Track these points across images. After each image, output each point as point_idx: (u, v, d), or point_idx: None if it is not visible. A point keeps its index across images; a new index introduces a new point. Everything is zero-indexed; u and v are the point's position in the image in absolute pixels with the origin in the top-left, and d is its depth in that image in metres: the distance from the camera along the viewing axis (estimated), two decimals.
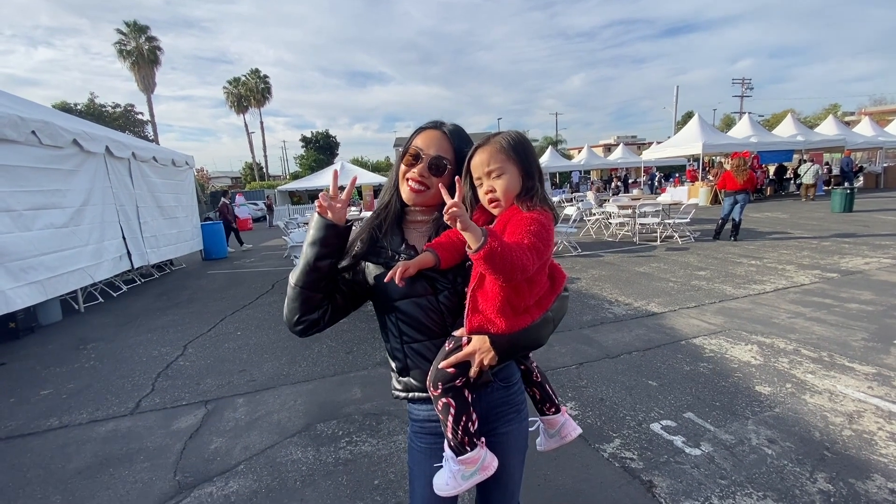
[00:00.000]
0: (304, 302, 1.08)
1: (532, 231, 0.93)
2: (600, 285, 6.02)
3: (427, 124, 1.17)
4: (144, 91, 32.19)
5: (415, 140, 1.14)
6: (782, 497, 2.06)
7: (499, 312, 0.98)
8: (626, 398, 3.02)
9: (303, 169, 44.10)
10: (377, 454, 2.56)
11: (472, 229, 0.87)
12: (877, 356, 3.44)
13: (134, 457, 2.68)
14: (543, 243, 0.93)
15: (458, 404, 1.02)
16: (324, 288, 1.09)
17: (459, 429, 1.02)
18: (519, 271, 0.89)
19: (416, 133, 1.16)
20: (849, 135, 19.36)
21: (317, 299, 1.09)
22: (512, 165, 1.02)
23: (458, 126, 1.18)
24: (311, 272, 1.06)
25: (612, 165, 30.20)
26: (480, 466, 1.03)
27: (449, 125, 1.16)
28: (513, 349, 1.01)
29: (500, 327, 0.98)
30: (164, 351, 4.51)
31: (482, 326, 1.00)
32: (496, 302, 0.98)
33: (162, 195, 8.71)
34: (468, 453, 1.03)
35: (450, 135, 1.14)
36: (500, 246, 0.86)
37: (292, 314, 1.10)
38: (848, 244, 7.83)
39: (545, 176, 25.38)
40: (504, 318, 0.98)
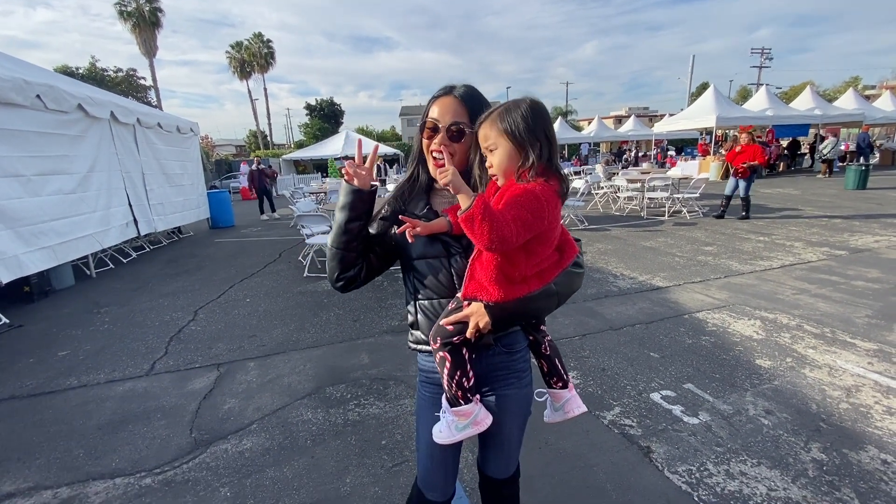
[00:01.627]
0: (341, 261, 1.17)
1: (519, 202, 0.93)
2: (606, 259, 6.03)
3: (439, 92, 1.17)
4: (146, 55, 31.56)
5: (430, 111, 1.15)
6: (776, 464, 2.13)
7: (492, 281, 1.01)
8: (628, 369, 3.08)
9: (307, 138, 43.64)
10: (384, 416, 2.66)
11: (463, 192, 0.93)
12: (879, 333, 3.46)
13: (151, 415, 2.79)
14: (533, 215, 0.93)
15: (454, 360, 1.08)
16: (356, 248, 1.18)
17: (454, 383, 1.08)
18: (497, 241, 0.90)
19: (431, 102, 1.16)
20: (868, 109, 18.78)
21: (351, 258, 1.18)
22: (504, 140, 1.00)
23: (470, 86, 1.17)
24: (343, 234, 1.14)
25: (622, 137, 29.60)
26: (473, 421, 1.10)
27: (460, 88, 1.16)
28: (508, 317, 1.05)
29: (493, 295, 1.01)
30: (175, 316, 4.61)
31: (476, 294, 1.03)
32: (490, 271, 1.00)
33: (167, 162, 8.69)
34: (461, 406, 1.09)
35: (462, 98, 1.13)
36: (482, 213, 0.89)
37: (332, 272, 1.20)
38: (859, 222, 7.74)
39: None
40: (498, 286, 1.00)
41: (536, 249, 1.01)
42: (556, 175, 1.01)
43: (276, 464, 2.30)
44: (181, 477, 2.23)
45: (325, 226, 6.33)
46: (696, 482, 2.05)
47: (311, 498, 2.06)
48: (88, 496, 2.11)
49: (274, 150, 39.92)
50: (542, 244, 1.01)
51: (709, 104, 16.76)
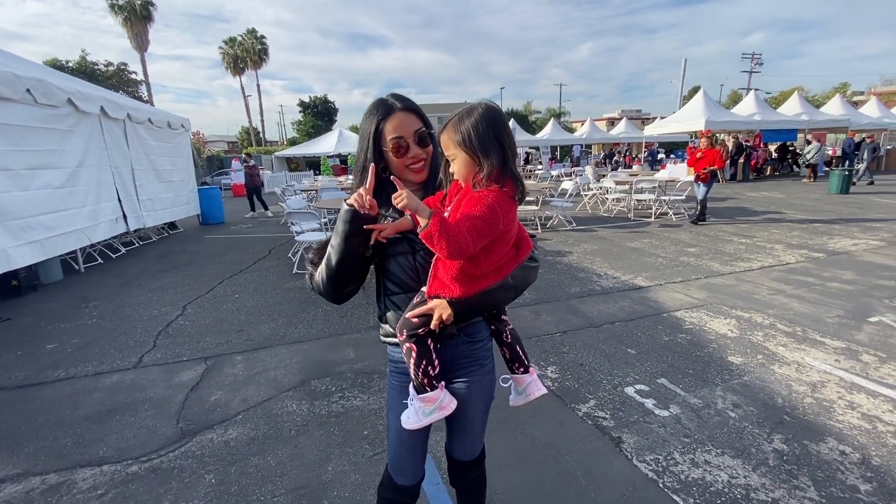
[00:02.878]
0: (345, 282, 1.22)
1: (474, 212, 1.01)
2: (591, 259, 6.15)
3: (381, 113, 1.19)
4: (137, 49, 31.28)
5: (385, 131, 1.18)
6: (738, 454, 2.24)
7: (454, 280, 1.09)
8: (605, 364, 3.18)
9: (300, 135, 43.43)
10: (367, 408, 2.73)
11: (420, 211, 0.99)
12: (848, 332, 3.60)
13: (139, 406, 2.84)
14: (487, 223, 1.01)
15: (420, 350, 1.16)
16: (355, 268, 1.21)
17: (420, 371, 1.16)
18: (457, 251, 0.99)
19: (381, 124, 1.18)
20: (854, 115, 19.17)
21: (352, 277, 1.23)
22: (459, 150, 1.07)
23: (400, 95, 1.22)
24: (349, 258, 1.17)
25: (614, 140, 29.87)
26: (438, 406, 1.18)
27: (398, 102, 1.20)
28: (469, 309, 1.13)
29: (454, 293, 1.09)
30: (164, 310, 4.65)
31: (439, 291, 1.12)
32: (453, 272, 1.09)
33: (158, 158, 8.68)
34: (428, 393, 1.17)
35: (408, 109, 1.20)
36: (439, 230, 0.97)
37: (332, 293, 1.24)
38: (839, 225, 7.94)
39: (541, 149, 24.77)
40: (459, 284, 1.09)
41: (495, 249, 1.09)
42: (511, 179, 1.08)
43: (260, 452, 2.36)
44: (167, 464, 2.29)
45: (314, 223, 6.39)
46: (662, 470, 2.15)
47: (294, 484, 2.13)
48: (76, 482, 2.17)
49: (266, 146, 39.74)
50: (500, 244, 1.10)
51: (698, 108, 17.01)
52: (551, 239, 7.63)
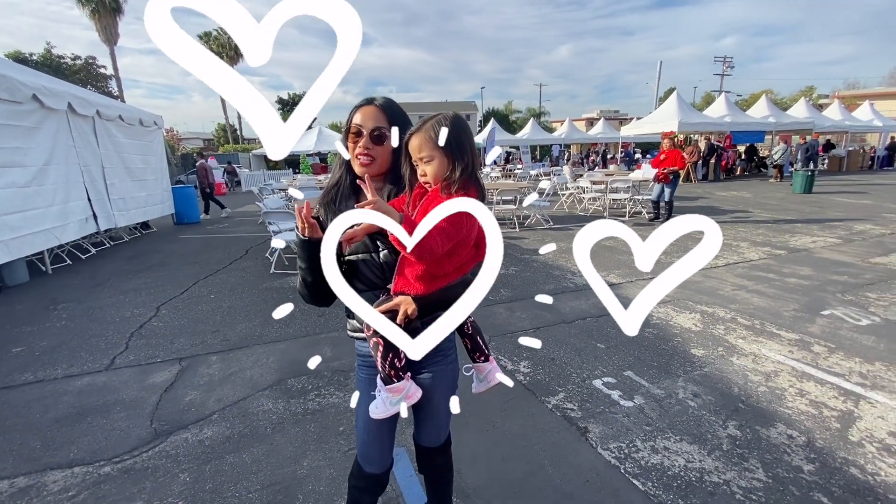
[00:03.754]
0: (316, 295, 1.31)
1: (443, 219, 1.07)
2: (566, 257, 6.30)
3: (361, 102, 1.30)
4: (106, 42, 30.25)
5: (353, 118, 1.28)
6: (695, 440, 2.38)
7: (418, 279, 1.17)
8: (575, 358, 3.30)
9: None
10: (343, 405, 2.78)
11: (390, 215, 1.04)
12: (802, 325, 3.81)
13: (111, 408, 2.82)
14: (455, 227, 1.08)
15: (386, 344, 1.22)
16: None
17: (387, 364, 1.23)
18: (427, 253, 1.06)
19: (354, 111, 1.29)
20: (818, 118, 19.98)
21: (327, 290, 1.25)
22: (440, 154, 1.14)
23: (388, 98, 1.31)
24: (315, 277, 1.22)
25: (592, 140, 30.36)
26: (405, 395, 1.25)
27: (380, 99, 1.30)
28: (432, 304, 1.20)
29: (418, 290, 1.17)
30: (137, 312, 4.58)
31: (403, 289, 1.19)
32: (418, 271, 1.16)
33: (129, 156, 8.49)
34: (394, 384, 1.24)
35: (383, 108, 1.28)
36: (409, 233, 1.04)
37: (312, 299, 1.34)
38: (801, 224, 8.31)
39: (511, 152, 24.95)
40: (422, 283, 1.16)
41: (458, 251, 1.17)
42: (475, 185, 1.16)
43: (235, 450, 2.39)
44: (140, 465, 2.30)
45: (292, 222, 6.35)
46: (624, 457, 2.26)
47: (269, 480, 2.17)
48: (46, 484, 2.16)
49: (244, 144, 39.01)
50: (463, 247, 1.17)
51: (672, 109, 17.46)
52: (528, 238, 7.77)
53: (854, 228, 7.78)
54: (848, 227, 7.94)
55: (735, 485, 2.07)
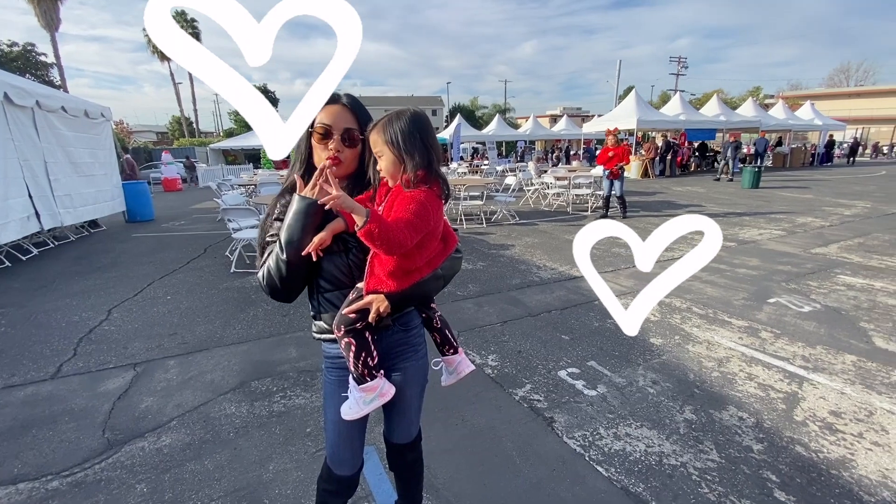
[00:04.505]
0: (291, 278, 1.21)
1: (410, 210, 1.08)
2: (532, 252, 6.41)
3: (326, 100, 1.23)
4: (47, 28, 28.21)
5: (318, 116, 1.20)
6: (655, 426, 2.48)
7: (390, 276, 1.15)
8: (541, 350, 3.37)
9: (238, 126, 41.25)
10: (310, 406, 2.73)
11: (356, 210, 1.02)
12: (751, 312, 4.04)
13: (58, 418, 2.66)
14: (421, 220, 1.08)
15: (359, 343, 1.20)
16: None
17: (360, 363, 1.21)
18: (396, 247, 1.06)
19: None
20: (764, 117, 21.17)
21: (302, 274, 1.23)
22: (387, 149, 1.13)
23: (353, 96, 1.27)
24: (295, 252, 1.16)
25: (555, 136, 30.94)
26: (379, 393, 1.24)
27: (345, 97, 1.25)
28: (404, 301, 1.20)
29: (390, 287, 1.15)
30: (85, 316, 4.32)
31: (376, 287, 1.17)
32: (389, 267, 1.15)
33: (75, 150, 7.97)
34: (368, 383, 1.22)
35: (352, 108, 1.24)
36: (378, 227, 1.02)
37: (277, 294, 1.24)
38: (749, 217, 8.79)
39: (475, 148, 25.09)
40: (395, 279, 1.15)
41: (426, 244, 1.16)
42: (437, 179, 1.16)
43: (196, 457, 2.30)
44: (93, 477, 2.17)
45: (253, 220, 6.17)
46: (588, 444, 2.34)
47: (233, 486, 2.10)
48: None
49: (201, 138, 37.43)
50: (430, 240, 1.17)
51: (631, 107, 18.05)
52: (495, 233, 7.86)
53: (797, 221, 8.30)
54: (791, 219, 8.47)
55: (691, 466, 2.18)
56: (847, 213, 9.12)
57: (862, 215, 8.83)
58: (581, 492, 2.04)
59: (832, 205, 10.14)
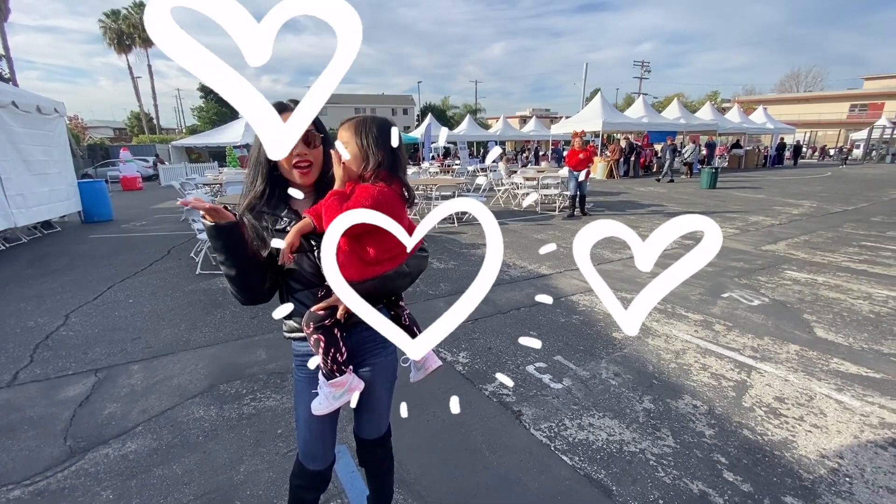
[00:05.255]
0: (245, 288, 1.28)
1: (359, 197, 1.14)
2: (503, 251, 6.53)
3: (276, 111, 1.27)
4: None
5: None
6: (616, 416, 2.62)
7: (350, 265, 1.19)
8: (510, 346, 3.48)
9: (202, 122, 39.96)
10: (281, 407, 2.73)
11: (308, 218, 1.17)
12: (706, 307, 4.28)
13: (16, 427, 2.56)
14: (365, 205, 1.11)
15: (328, 339, 1.25)
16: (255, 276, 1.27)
17: (329, 359, 1.25)
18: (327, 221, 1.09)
19: None
20: (721, 120, 22.17)
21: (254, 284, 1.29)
22: (355, 141, 1.20)
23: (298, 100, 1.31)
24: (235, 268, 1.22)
25: (525, 137, 31.43)
26: (348, 388, 1.28)
27: (292, 104, 1.26)
28: (371, 296, 1.23)
29: (350, 275, 1.18)
30: (41, 321, 4.15)
31: None
32: (346, 256, 1.19)
33: (27, 147, 7.58)
34: (337, 378, 1.27)
35: None
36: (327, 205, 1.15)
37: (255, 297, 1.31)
38: (705, 216, 9.21)
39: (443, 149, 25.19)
40: (355, 268, 1.19)
41: (384, 238, 1.21)
42: (398, 181, 1.22)
43: (164, 462, 2.28)
44: (56, 486, 2.12)
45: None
46: (554, 435, 2.45)
47: (203, 489, 2.10)
48: None
49: (162, 135, 36.02)
50: (388, 233, 1.22)
51: (597, 109, 18.56)
52: (467, 233, 7.96)
53: (749, 220, 8.78)
54: (744, 218, 8.95)
55: (649, 452, 2.32)
56: (795, 212, 9.71)
57: (808, 214, 9.42)
58: (547, 480, 2.14)
59: (782, 204, 10.77)
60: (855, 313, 4.09)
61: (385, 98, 61.09)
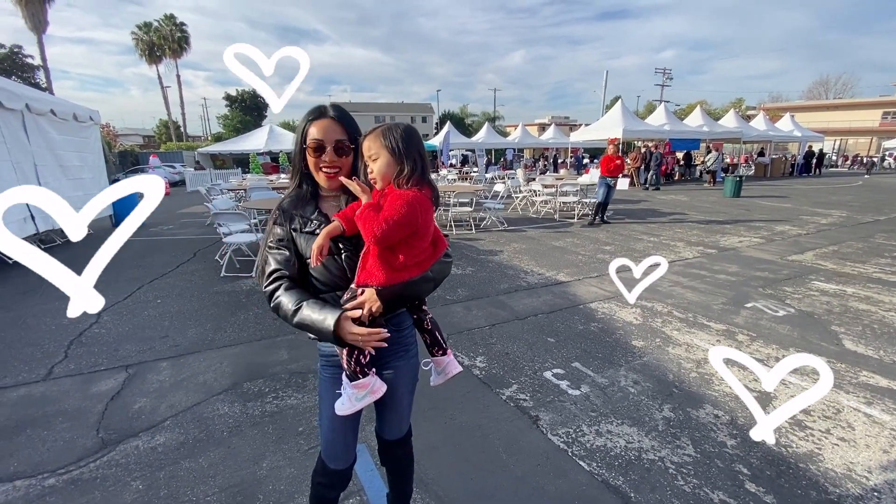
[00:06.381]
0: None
1: (396, 206, 1.18)
2: (520, 257, 6.54)
3: (314, 115, 1.32)
4: (34, 30, 27.83)
5: (309, 132, 1.30)
6: (635, 423, 2.60)
7: (379, 269, 1.24)
8: (528, 352, 3.48)
9: (226, 130, 41.14)
10: (302, 406, 2.80)
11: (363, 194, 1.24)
12: (728, 316, 4.20)
13: (52, 419, 2.69)
14: (408, 215, 1.18)
15: None
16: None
17: (353, 360, 1.29)
18: (381, 234, 1.17)
19: (308, 124, 1.31)
20: (746, 128, 21.71)
21: None
22: (384, 152, 1.23)
23: (340, 108, 1.35)
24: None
25: (543, 145, 31.33)
26: (370, 390, 1.31)
27: (332, 110, 1.33)
28: (395, 299, 1.28)
29: (379, 280, 1.23)
30: (75, 319, 4.31)
31: (367, 281, 1.25)
32: (377, 261, 1.24)
33: (64, 153, 7.93)
34: (360, 380, 1.30)
35: (340, 120, 1.32)
36: (372, 210, 1.21)
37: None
38: (730, 225, 9.05)
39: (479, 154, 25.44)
40: (384, 273, 1.23)
41: (414, 243, 1.26)
42: (428, 185, 1.27)
43: (190, 455, 2.36)
44: (88, 475, 2.22)
45: (243, 224, 6.21)
46: (571, 441, 2.44)
47: (227, 483, 2.16)
48: None
49: (189, 142, 37.14)
50: (418, 239, 1.26)
51: (617, 117, 18.41)
52: (484, 239, 7.98)
53: (775, 229, 8.57)
54: (770, 227, 8.74)
55: (668, 461, 2.29)
56: (823, 221, 9.44)
57: (838, 224, 9.15)
58: (564, 485, 2.14)
59: (809, 214, 10.48)
60: (886, 326, 3.96)
61: (404, 106, 61.78)
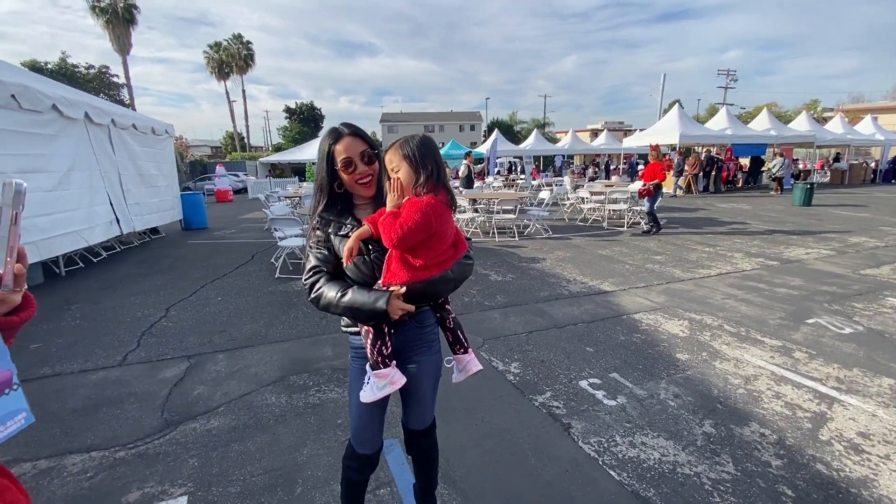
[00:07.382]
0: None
1: (412, 212, 1.28)
2: (563, 266, 6.46)
3: (333, 137, 1.45)
4: (119, 52, 30.96)
5: (336, 153, 1.43)
6: (672, 437, 2.52)
7: (402, 269, 1.34)
8: (564, 360, 3.45)
9: (286, 141, 43.46)
10: (342, 400, 2.95)
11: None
12: (786, 332, 3.94)
13: (124, 400, 3.01)
14: (424, 220, 1.27)
15: (376, 332, 1.40)
16: None
17: (375, 350, 1.40)
18: (397, 240, 1.28)
19: (332, 147, 1.43)
20: (819, 131, 20.08)
21: None
22: (405, 163, 1.34)
23: (352, 124, 1.47)
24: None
25: (594, 151, 30.60)
26: (390, 381, 1.41)
27: (347, 128, 1.45)
28: (417, 297, 1.37)
29: (402, 279, 1.34)
30: (147, 312, 4.78)
31: (391, 280, 1.36)
32: (399, 262, 1.34)
33: (143, 163, 8.78)
34: (381, 370, 1.40)
35: (357, 135, 1.45)
36: (391, 219, 1.30)
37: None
38: (797, 236, 8.43)
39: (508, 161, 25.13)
40: (406, 273, 1.34)
41: (433, 245, 1.34)
42: (444, 190, 1.36)
43: (240, 439, 2.56)
44: (153, 450, 2.47)
45: (297, 229, 6.58)
46: (603, 450, 2.41)
47: (271, 466, 2.33)
48: (66, 466, 2.34)
49: (251, 152, 39.59)
50: (437, 241, 1.35)
51: (673, 122, 17.67)
52: (527, 246, 7.94)
53: (849, 241, 7.89)
54: (843, 239, 8.06)
55: (705, 476, 2.21)
56: None
57: None
58: (592, 492, 2.13)
59: (891, 224, 9.54)
60: None
61: (453, 115, 62.49)
